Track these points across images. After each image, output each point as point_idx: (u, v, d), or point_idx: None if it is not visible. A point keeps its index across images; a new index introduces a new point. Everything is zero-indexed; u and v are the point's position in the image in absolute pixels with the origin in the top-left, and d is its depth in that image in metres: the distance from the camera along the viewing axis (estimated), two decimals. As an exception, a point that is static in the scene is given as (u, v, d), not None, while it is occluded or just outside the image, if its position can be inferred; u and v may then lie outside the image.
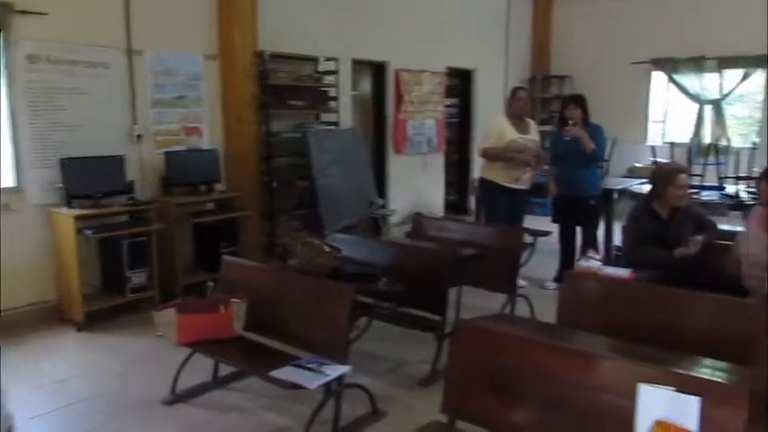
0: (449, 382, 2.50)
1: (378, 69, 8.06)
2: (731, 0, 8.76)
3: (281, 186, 6.37)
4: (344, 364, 3.05)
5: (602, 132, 5.48)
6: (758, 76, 8.73)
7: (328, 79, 6.87)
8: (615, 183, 6.79)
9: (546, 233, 5.11)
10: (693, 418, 1.91)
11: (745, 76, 8.76)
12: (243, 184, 5.96)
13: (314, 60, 6.75)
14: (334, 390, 3.07)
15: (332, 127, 6.97)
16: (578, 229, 5.72)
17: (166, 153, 5.47)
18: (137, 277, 4.98)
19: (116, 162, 5.06)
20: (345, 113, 7.31)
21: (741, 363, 2.63)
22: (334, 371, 2.98)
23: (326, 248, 3.36)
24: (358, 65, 7.72)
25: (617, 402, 2.06)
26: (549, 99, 10.48)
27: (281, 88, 6.29)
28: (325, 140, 6.55)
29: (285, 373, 2.93)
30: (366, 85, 8.27)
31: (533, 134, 5.62)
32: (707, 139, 9.11)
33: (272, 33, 6.18)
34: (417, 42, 8.24)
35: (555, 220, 5.88)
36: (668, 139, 9.40)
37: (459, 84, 9.77)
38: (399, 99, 8.13)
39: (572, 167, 5.44)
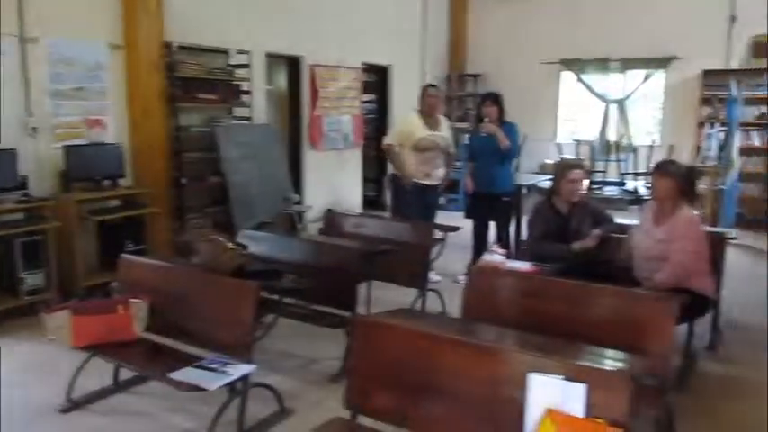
0: (350, 378, 2.50)
1: (292, 64, 7.97)
2: (635, 4, 9.19)
3: (192, 183, 6.19)
4: (249, 363, 3.00)
5: (516, 130, 5.62)
6: (658, 77, 9.19)
7: (240, 73, 6.73)
8: (525, 179, 6.98)
9: (455, 229, 5.19)
10: (580, 403, 1.98)
11: (647, 78, 9.20)
12: (151, 180, 5.75)
13: (225, 53, 6.59)
14: (238, 390, 3.01)
15: (245, 122, 6.85)
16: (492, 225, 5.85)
17: (66, 147, 5.19)
18: (32, 279, 4.72)
19: (8, 156, 4.76)
20: (259, 108, 7.19)
21: (635, 350, 2.76)
22: (237, 371, 2.92)
23: (231, 246, 3.28)
24: (272, 59, 7.61)
25: (511, 392, 2.11)
26: (464, 97, 10.67)
27: (191, 81, 6.12)
28: (237, 135, 6.43)
29: (184, 374, 2.84)
30: (281, 80, 8.16)
31: (444, 131, 5.70)
32: (612, 137, 9.51)
33: (180, 24, 5.99)
34: (333, 37, 8.21)
35: (468, 216, 5.97)
36: (577, 137, 9.76)
37: (376, 80, 9.81)
38: (315, 95, 8.07)
39: (487, 164, 5.55)
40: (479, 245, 5.77)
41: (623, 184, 7.02)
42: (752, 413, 3.41)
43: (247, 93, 6.83)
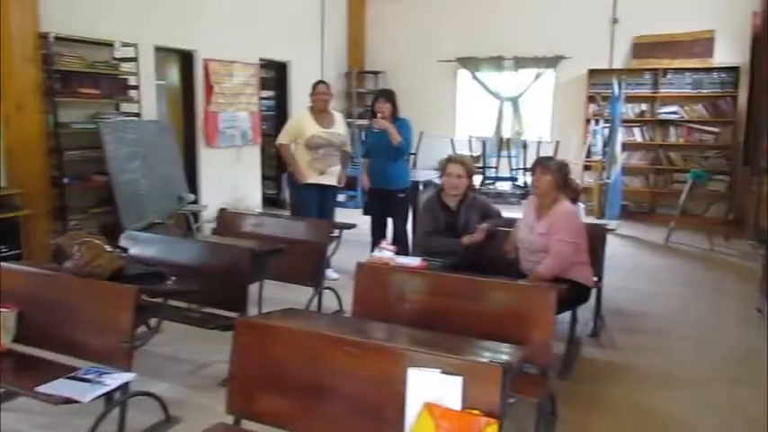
0: (233, 382, 2.42)
1: (185, 58, 7.71)
2: (527, 6, 9.51)
3: (74, 182, 5.86)
4: (129, 371, 2.85)
5: (408, 126, 5.65)
6: (549, 75, 9.55)
7: (127, 67, 6.43)
8: (422, 175, 7.08)
9: (351, 226, 5.17)
10: (457, 396, 2.00)
11: (538, 76, 9.55)
12: (27, 179, 5.39)
13: (110, 46, 6.26)
14: (116, 400, 2.86)
15: (133, 118, 6.54)
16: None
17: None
18: None
19: None
20: (149, 104, 6.90)
21: (520, 341, 2.84)
22: (115, 380, 2.77)
23: (108, 248, 3.10)
24: (163, 53, 7.32)
25: (394, 389, 2.10)
26: (364, 94, 10.70)
27: (72, 75, 5.79)
28: (124, 132, 6.13)
29: (55, 387, 2.66)
30: (174, 75, 7.87)
31: (339, 128, 5.66)
32: (506, 133, 9.81)
33: (58, 14, 5.65)
34: (228, 32, 8.01)
35: (366, 213, 5.98)
36: (475, 134, 9.99)
37: (275, 76, 9.67)
38: (210, 90, 7.84)
39: (381, 160, 5.57)
40: (378, 241, 5.76)
41: (515, 179, 7.26)
42: (629, 396, 3.60)
43: (135, 88, 6.53)
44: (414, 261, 3.46)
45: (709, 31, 8.45)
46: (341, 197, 8.67)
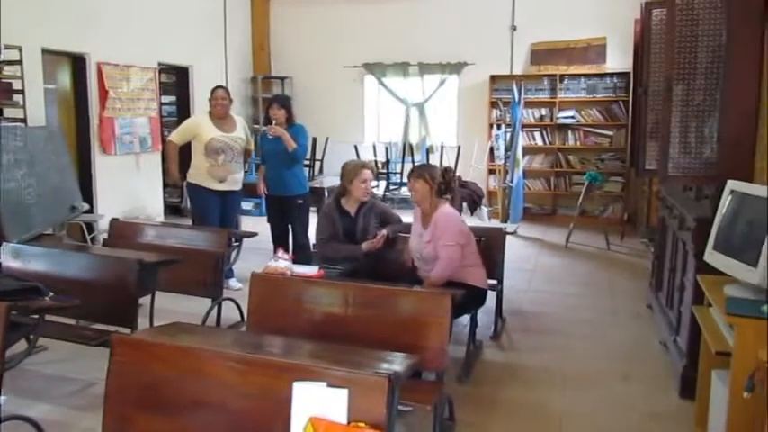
0: (107, 403, 2.27)
1: (77, 62, 7.33)
2: (430, 13, 9.64)
3: (-50, 193, 5.42)
4: (-2, 395, 2.64)
5: (304, 132, 5.58)
6: (452, 81, 9.72)
7: (10, 70, 6.03)
8: (328, 182, 7.02)
9: (251, 234, 5.06)
10: (343, 409, 1.95)
11: (442, 82, 9.70)
12: None
13: (-9, 48, 5.86)
14: (-15, 428, 2.65)
15: (18, 124, 6.13)
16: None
17: None
18: None
19: None
20: (37, 109, 6.51)
21: (417, 347, 2.83)
22: (-19, 407, 2.56)
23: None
24: (53, 56, 6.93)
25: (279, 403, 2.03)
26: (270, 99, 10.50)
27: (-55, 78, 5.36)
28: (6, 139, 5.72)
29: None
30: (66, 79, 7.47)
31: (240, 132, 5.54)
32: (414, 139, 9.90)
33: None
34: (123, 35, 7.68)
35: (269, 221, 5.87)
36: (382, 139, 10.03)
37: (177, 81, 9.37)
38: (104, 95, 7.48)
39: (277, 166, 5.49)
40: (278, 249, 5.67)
41: (420, 183, 7.31)
42: (526, 395, 3.67)
43: (20, 92, 6.14)
44: (311, 270, 3.40)
45: (601, 38, 8.85)
46: (247, 205, 8.51)
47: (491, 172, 9.34)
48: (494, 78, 9.28)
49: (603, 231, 7.68)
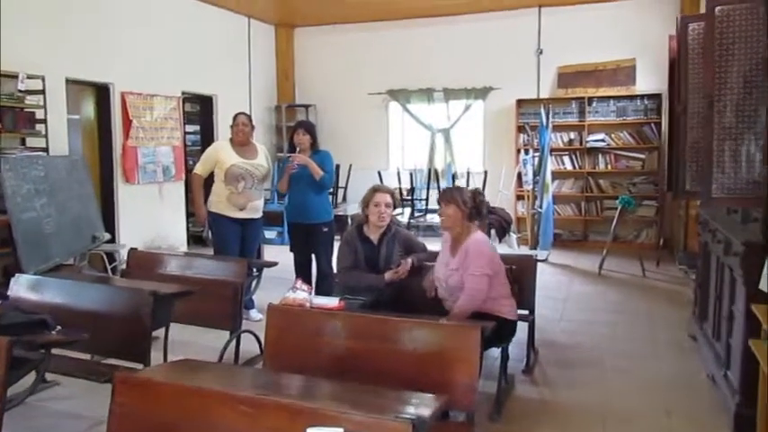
0: (107, 448, 2.11)
1: (101, 91, 7.34)
2: (453, 37, 9.54)
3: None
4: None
5: (330, 158, 5.44)
6: (478, 106, 9.56)
7: (33, 99, 6.02)
8: (352, 209, 6.87)
9: (272, 264, 4.89)
10: (361, 459, 1.76)
11: (467, 107, 9.54)
12: None
13: (14, 78, 5.86)
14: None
15: (40, 153, 6.11)
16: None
17: None
18: None
19: None
20: (60, 138, 6.50)
21: (442, 385, 2.61)
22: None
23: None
24: (77, 85, 6.95)
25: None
26: (292, 126, 10.44)
27: (-31, 109, 5.35)
28: (28, 168, 5.69)
29: None
30: (89, 109, 7.48)
31: (261, 160, 5.42)
32: (439, 165, 9.73)
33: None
34: (147, 64, 7.70)
35: (291, 249, 5.70)
36: (409, 166, 9.87)
37: (201, 110, 9.37)
38: (128, 124, 7.47)
39: (301, 194, 5.31)
40: (303, 278, 5.49)
41: (447, 210, 7.11)
42: (562, 435, 3.41)
43: (42, 122, 6.12)
44: (331, 301, 3.21)
45: (630, 60, 8.64)
46: (270, 233, 8.39)
47: (519, 198, 9.10)
48: (520, 102, 9.09)
49: (638, 257, 7.38)
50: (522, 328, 4.04)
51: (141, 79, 7.61)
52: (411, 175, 9.42)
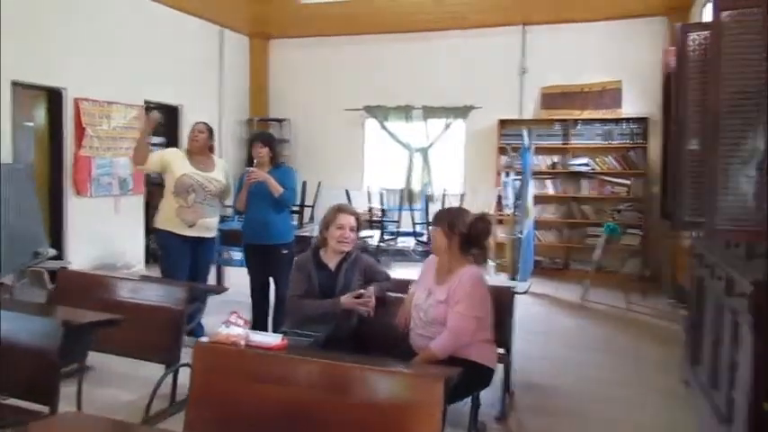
0: None
1: (53, 97, 6.82)
2: (429, 53, 9.17)
3: None
4: None
5: (291, 175, 4.95)
6: (459, 125, 9.16)
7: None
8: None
9: (221, 290, 4.37)
10: None
11: (447, 126, 9.14)
12: None
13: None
14: None
15: (-22, 161, 5.59)
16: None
17: None
18: None
19: None
20: (3, 146, 5.97)
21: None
22: None
23: None
24: (26, 89, 6.44)
25: None
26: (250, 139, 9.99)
27: None
28: (-41, 177, 5.16)
29: None
30: (42, 115, 6.95)
31: (218, 174, 4.92)
32: (416, 185, 9.29)
33: None
34: (105, 70, 7.23)
35: (249, 271, 5.18)
36: (380, 185, 9.40)
37: (166, 120, 8.85)
38: (81, 133, 6.95)
39: (260, 212, 4.80)
40: (259, 306, 4.98)
41: (421, 234, 6.63)
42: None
43: (-16, 127, 5.62)
44: (273, 339, 2.71)
45: (616, 81, 8.32)
46: (236, 254, 7.82)
47: (499, 222, 8.68)
48: (502, 123, 8.71)
49: (622, 288, 6.96)
50: (497, 369, 3.57)
51: (98, 85, 7.13)
52: (381, 195, 8.94)
